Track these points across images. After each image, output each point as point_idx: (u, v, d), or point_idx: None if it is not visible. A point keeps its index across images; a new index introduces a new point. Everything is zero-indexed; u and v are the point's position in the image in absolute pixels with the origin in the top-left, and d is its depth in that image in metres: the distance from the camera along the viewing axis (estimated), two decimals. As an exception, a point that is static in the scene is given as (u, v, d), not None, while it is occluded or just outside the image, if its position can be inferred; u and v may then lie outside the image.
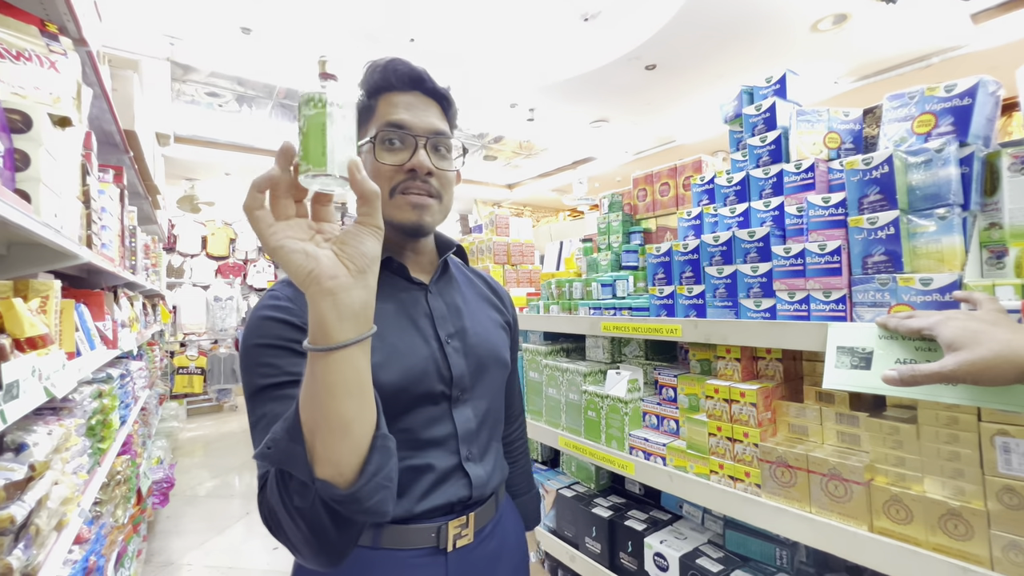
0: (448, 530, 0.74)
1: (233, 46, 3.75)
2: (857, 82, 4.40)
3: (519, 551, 0.90)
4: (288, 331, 0.66)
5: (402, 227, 0.76)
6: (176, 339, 6.54)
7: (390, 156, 0.74)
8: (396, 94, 0.76)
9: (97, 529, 1.68)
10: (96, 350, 1.69)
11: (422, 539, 0.73)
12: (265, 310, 0.68)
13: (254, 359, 0.65)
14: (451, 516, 0.75)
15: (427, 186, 0.75)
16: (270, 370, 0.64)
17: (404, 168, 0.73)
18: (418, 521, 0.73)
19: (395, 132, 0.74)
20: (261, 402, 0.64)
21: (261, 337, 0.66)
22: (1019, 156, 0.86)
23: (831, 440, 0.98)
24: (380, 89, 0.76)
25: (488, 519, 0.82)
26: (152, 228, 4.15)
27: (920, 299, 0.84)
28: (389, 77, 0.75)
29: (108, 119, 2.04)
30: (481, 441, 0.81)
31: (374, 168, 0.74)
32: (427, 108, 0.77)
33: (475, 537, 0.78)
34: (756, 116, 1.20)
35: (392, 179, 0.74)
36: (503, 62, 4.13)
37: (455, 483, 0.76)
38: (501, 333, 0.91)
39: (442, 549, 0.74)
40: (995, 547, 0.72)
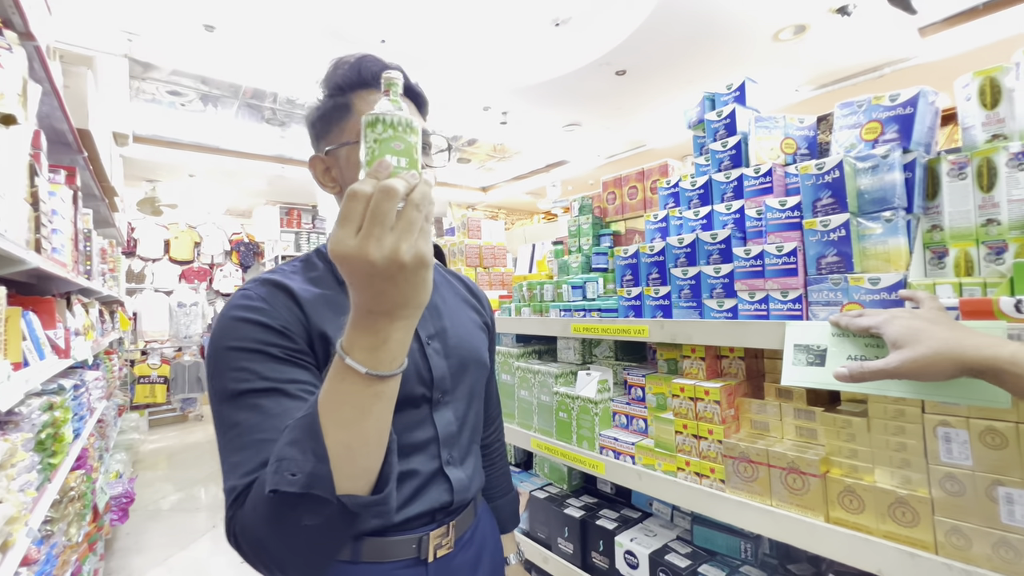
0: (429, 540, 0.73)
1: (196, 43, 3.63)
2: (816, 90, 4.59)
3: (496, 555, 0.89)
4: (265, 334, 0.63)
5: None
6: (137, 347, 6.27)
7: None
8: (371, 92, 0.74)
9: (48, 549, 1.60)
10: (46, 360, 1.61)
11: (403, 551, 0.71)
12: (239, 311, 0.65)
13: (227, 363, 0.62)
14: (432, 526, 0.74)
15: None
16: (245, 375, 0.61)
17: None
18: (399, 532, 0.71)
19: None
20: (234, 409, 0.60)
21: (236, 339, 0.62)
22: (957, 162, 0.91)
23: (790, 435, 1.02)
24: (353, 86, 0.74)
25: (467, 526, 0.81)
26: (110, 231, 3.97)
27: (869, 297, 0.88)
28: (363, 74, 0.74)
29: (59, 117, 1.94)
30: (462, 444, 0.80)
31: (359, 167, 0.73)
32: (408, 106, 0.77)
33: (455, 545, 0.77)
34: (717, 122, 1.23)
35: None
36: (475, 64, 4.14)
37: (437, 488, 0.75)
38: (481, 334, 0.91)
39: (423, 560, 0.73)
40: (939, 532, 0.76)
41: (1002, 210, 0.85)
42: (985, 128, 0.91)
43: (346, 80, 0.74)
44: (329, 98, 0.76)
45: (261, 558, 0.55)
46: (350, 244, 0.45)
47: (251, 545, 0.55)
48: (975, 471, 0.74)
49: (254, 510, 0.54)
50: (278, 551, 0.54)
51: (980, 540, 0.72)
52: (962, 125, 0.95)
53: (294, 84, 4.36)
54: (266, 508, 0.52)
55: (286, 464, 0.50)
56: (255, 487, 0.55)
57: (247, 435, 0.58)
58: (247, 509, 0.55)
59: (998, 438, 0.72)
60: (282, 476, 0.50)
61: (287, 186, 6.96)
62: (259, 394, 0.60)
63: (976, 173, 0.88)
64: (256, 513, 0.53)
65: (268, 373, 0.61)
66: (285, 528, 0.52)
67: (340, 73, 0.74)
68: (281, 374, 0.61)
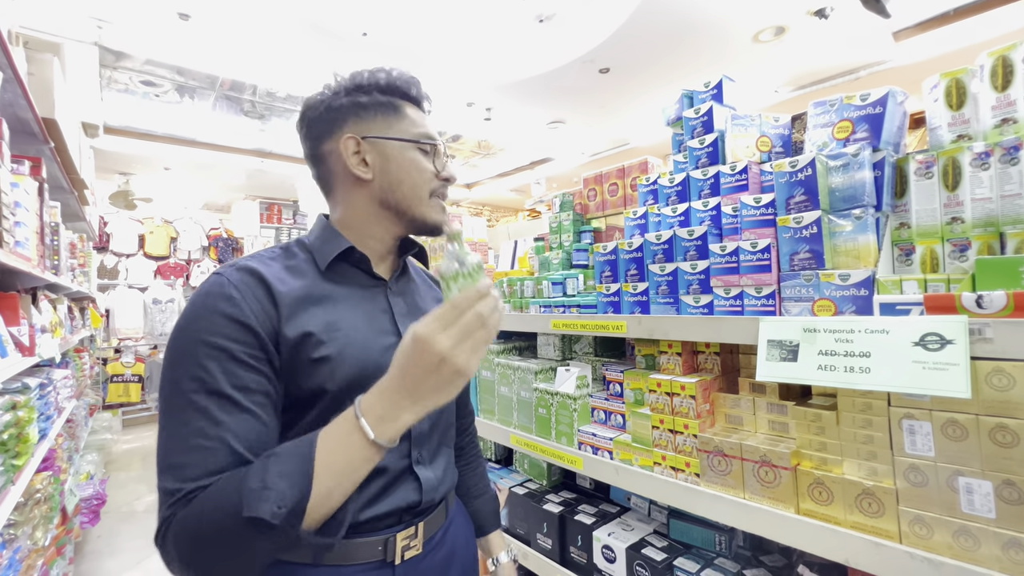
0: (396, 542, 0.72)
1: (170, 32, 3.53)
2: (795, 92, 4.67)
3: (468, 556, 0.88)
4: (233, 329, 0.62)
5: (435, 227, 0.81)
6: (110, 345, 6.09)
7: (429, 163, 0.80)
8: (415, 107, 0.82)
9: (11, 554, 1.54)
10: (9, 358, 1.55)
11: (368, 553, 0.70)
12: (212, 299, 0.63)
13: (190, 355, 0.60)
14: (399, 527, 0.73)
15: (447, 194, 0.85)
16: (205, 375, 0.59)
17: (441, 176, 0.81)
18: (364, 534, 0.70)
19: (430, 144, 0.80)
20: (187, 407, 0.59)
21: (204, 332, 0.61)
22: (924, 162, 0.93)
23: (763, 429, 1.03)
24: (403, 95, 0.81)
25: (437, 527, 0.80)
26: (80, 225, 3.85)
27: (840, 294, 0.90)
28: (411, 91, 0.81)
29: (23, 105, 1.86)
30: (432, 444, 0.80)
31: (419, 167, 0.78)
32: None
33: (424, 547, 0.76)
34: (695, 119, 1.24)
35: (432, 183, 0.80)
36: (459, 59, 4.11)
37: (405, 487, 0.73)
38: None
39: (390, 562, 0.71)
40: (903, 522, 0.78)
41: (966, 208, 0.88)
42: (951, 128, 0.93)
43: (398, 87, 0.80)
44: (381, 93, 0.79)
45: (191, 566, 0.56)
46: (443, 341, 0.55)
47: (184, 552, 0.55)
48: (937, 462, 0.76)
49: (199, 520, 0.54)
50: (212, 562, 0.55)
51: (941, 529, 0.74)
52: (929, 126, 0.97)
53: (274, 76, 4.27)
54: (222, 524, 0.53)
55: (274, 495, 0.53)
56: (203, 497, 0.55)
57: (195, 438, 0.58)
58: (189, 516, 0.55)
59: (959, 430, 0.74)
60: (269, 506, 0.52)
61: (267, 180, 6.83)
62: (215, 397, 0.59)
63: (942, 172, 0.91)
64: (201, 524, 0.54)
65: (228, 378, 0.60)
66: (234, 545, 0.54)
67: (394, 76, 0.80)
68: (239, 380, 0.61)
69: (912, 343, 0.75)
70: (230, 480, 0.55)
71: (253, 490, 0.53)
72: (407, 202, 0.78)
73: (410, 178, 0.78)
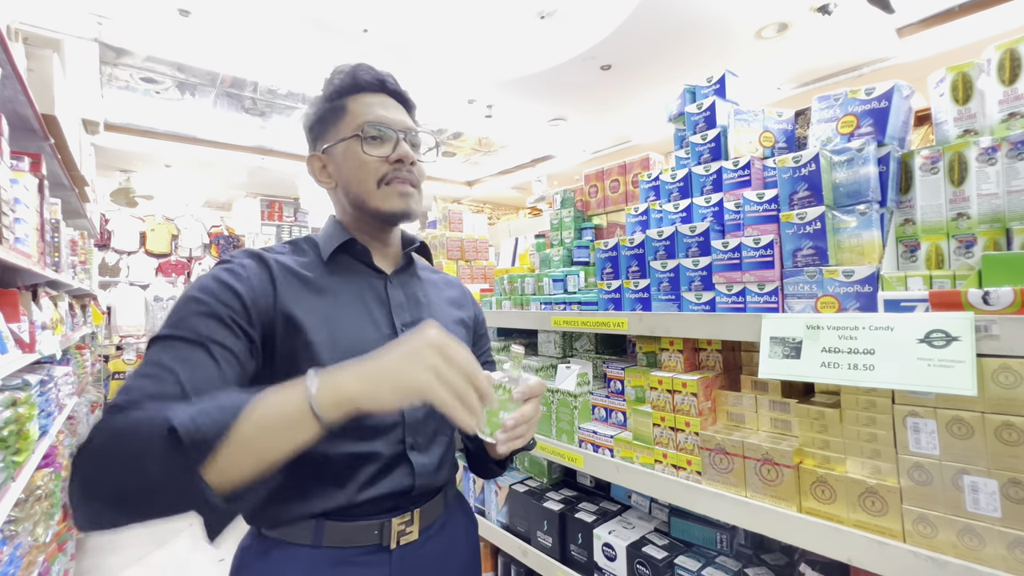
0: (392, 527, 0.74)
1: (170, 29, 3.52)
2: (798, 89, 4.65)
3: (469, 551, 0.89)
4: (224, 293, 0.67)
5: (392, 215, 0.79)
6: (112, 342, 6.09)
7: (375, 150, 0.78)
8: (366, 95, 0.80)
9: (11, 550, 1.54)
10: (9, 354, 1.55)
11: (365, 536, 0.72)
12: (222, 272, 0.70)
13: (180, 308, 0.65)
14: (395, 513, 0.75)
15: (411, 176, 0.80)
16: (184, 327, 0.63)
17: (390, 160, 0.78)
18: (361, 517, 0.72)
19: (376, 128, 0.78)
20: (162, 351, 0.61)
21: (199, 291, 0.67)
22: (930, 157, 0.92)
23: (765, 426, 1.03)
24: (349, 90, 0.80)
25: (435, 517, 0.81)
26: (81, 223, 3.84)
27: (843, 290, 0.89)
28: (358, 79, 0.80)
29: (23, 102, 1.86)
30: (428, 431, 0.80)
31: (360, 161, 0.77)
32: (397, 107, 0.83)
33: (420, 535, 0.77)
34: (697, 114, 1.23)
35: (379, 171, 0.78)
36: (460, 56, 4.09)
37: (399, 472, 0.75)
38: (461, 333, 0.92)
39: (385, 547, 0.73)
40: (907, 521, 0.77)
41: (972, 204, 0.87)
42: (957, 123, 0.92)
43: (342, 86, 0.80)
44: (327, 102, 0.81)
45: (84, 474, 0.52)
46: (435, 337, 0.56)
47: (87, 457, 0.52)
48: (942, 460, 0.75)
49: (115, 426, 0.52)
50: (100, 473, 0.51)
51: (946, 528, 0.73)
52: (935, 120, 0.96)
53: (275, 73, 4.26)
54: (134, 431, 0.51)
55: (193, 414, 0.50)
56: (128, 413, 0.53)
57: (150, 368, 0.59)
58: (107, 422, 0.53)
59: (964, 428, 0.73)
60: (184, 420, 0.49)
61: (268, 178, 6.82)
62: (182, 342, 0.62)
63: (948, 168, 0.90)
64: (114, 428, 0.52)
65: (203, 328, 0.63)
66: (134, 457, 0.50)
67: (337, 80, 0.80)
68: (213, 334, 0.64)
69: (917, 340, 0.74)
70: (165, 405, 0.53)
71: (175, 408, 0.51)
72: (360, 199, 0.79)
73: (355, 175, 0.78)
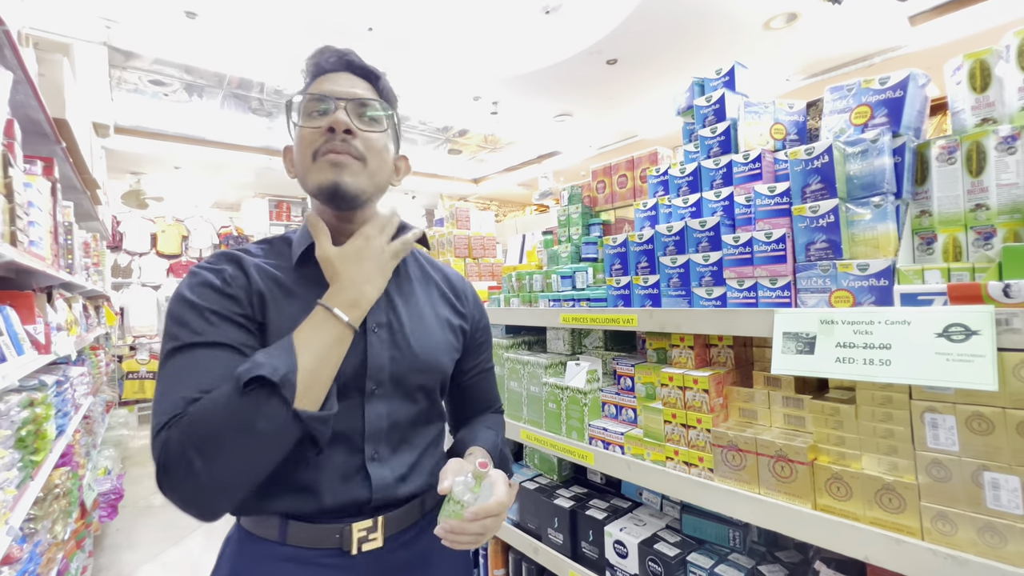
0: (352, 532, 0.71)
1: (177, 31, 3.54)
2: (807, 80, 4.58)
3: (453, 562, 0.84)
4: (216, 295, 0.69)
5: (321, 189, 0.73)
6: (125, 342, 6.18)
7: (313, 122, 0.74)
8: (328, 75, 0.78)
9: (31, 547, 1.57)
10: (25, 355, 1.57)
11: (326, 539, 0.71)
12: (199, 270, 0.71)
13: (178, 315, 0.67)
14: (357, 518, 0.72)
15: (346, 146, 0.73)
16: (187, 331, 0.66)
17: (323, 129, 0.73)
18: (323, 520, 0.71)
19: (315, 100, 0.75)
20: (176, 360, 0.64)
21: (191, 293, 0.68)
22: (946, 147, 0.90)
23: (778, 423, 1.01)
24: (314, 75, 0.79)
25: (406, 525, 0.77)
26: (93, 225, 3.90)
27: (858, 284, 0.88)
28: (320, 62, 0.78)
29: (34, 106, 1.88)
30: (392, 442, 0.77)
31: (299, 136, 0.75)
32: (354, 82, 0.79)
33: (386, 543, 0.74)
34: (706, 107, 1.22)
35: (313, 143, 0.73)
36: (465, 53, 4.08)
37: (357, 483, 0.72)
38: (447, 336, 0.86)
39: (347, 551, 0.71)
40: (925, 518, 0.76)
41: (991, 195, 0.85)
42: (975, 112, 0.90)
43: (309, 72, 0.79)
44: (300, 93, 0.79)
45: (190, 470, 0.57)
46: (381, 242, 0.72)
47: (183, 458, 0.57)
48: (961, 457, 0.73)
49: (199, 420, 0.58)
50: (210, 462, 0.57)
51: (965, 525, 0.72)
52: (952, 109, 0.94)
53: (281, 73, 4.27)
54: (222, 410, 0.58)
55: (266, 367, 0.59)
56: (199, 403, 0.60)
57: (182, 379, 0.62)
58: (183, 426, 0.58)
59: (984, 423, 0.71)
60: (265, 369, 0.59)
61: (276, 178, 6.86)
62: (199, 348, 0.64)
63: (965, 157, 0.88)
64: (203, 417, 0.58)
65: (210, 331, 0.66)
66: (235, 432, 0.58)
67: (305, 67, 0.79)
68: (223, 331, 0.67)
69: (935, 334, 0.73)
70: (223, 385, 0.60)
71: (245, 369, 0.59)
72: (302, 178, 0.76)
73: (298, 153, 0.76)
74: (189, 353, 0.64)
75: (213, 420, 0.58)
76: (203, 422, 0.58)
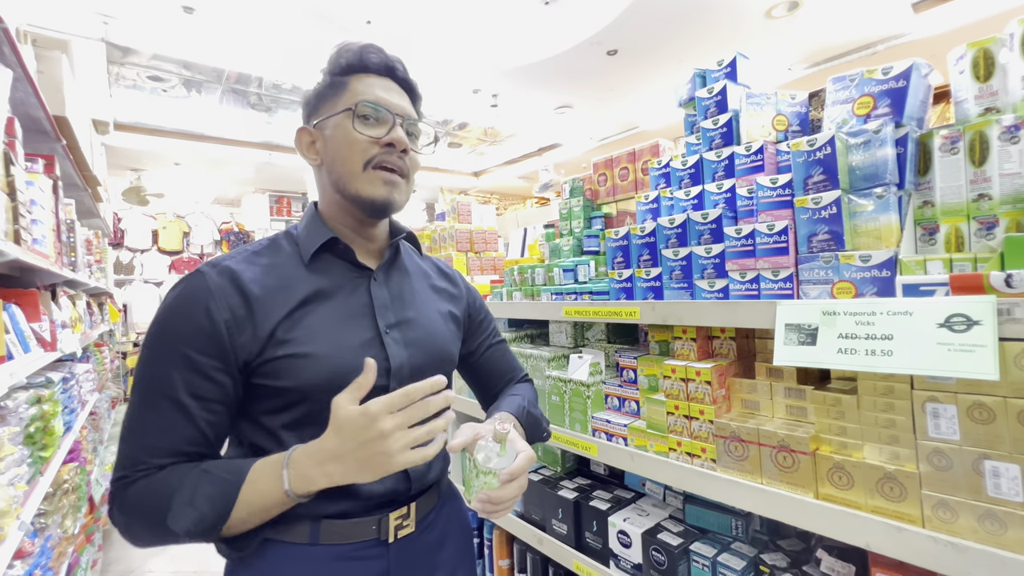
0: (389, 521, 0.74)
1: (175, 26, 3.53)
2: (809, 69, 4.54)
3: (463, 536, 0.89)
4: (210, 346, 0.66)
5: (372, 202, 0.75)
6: (129, 339, 6.22)
7: (368, 129, 0.74)
8: (370, 76, 0.77)
9: (42, 542, 1.60)
10: (31, 353, 1.58)
11: (363, 532, 0.72)
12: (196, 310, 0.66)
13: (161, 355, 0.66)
14: (392, 508, 0.75)
15: (401, 163, 0.76)
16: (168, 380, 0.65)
17: (381, 142, 0.74)
18: (358, 515, 0.72)
19: (373, 108, 0.74)
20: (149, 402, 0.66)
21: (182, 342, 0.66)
22: (949, 137, 0.90)
23: (781, 413, 1.02)
24: (353, 69, 0.77)
25: (430, 507, 0.81)
26: (95, 222, 3.90)
27: (860, 275, 0.88)
28: (364, 59, 0.77)
29: (34, 104, 1.88)
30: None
31: (350, 138, 0.73)
32: (401, 94, 0.79)
33: (417, 526, 0.78)
34: (708, 99, 1.21)
35: (367, 152, 0.74)
36: (464, 45, 4.05)
37: (393, 476, 0.74)
38: (450, 327, 0.89)
39: (383, 540, 0.73)
40: (926, 506, 0.77)
41: (994, 185, 0.85)
42: (978, 101, 0.90)
43: (348, 64, 0.77)
44: (328, 76, 0.78)
45: (129, 531, 0.65)
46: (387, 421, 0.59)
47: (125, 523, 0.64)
48: (962, 445, 0.74)
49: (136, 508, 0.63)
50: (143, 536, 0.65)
51: (966, 513, 0.73)
52: (955, 99, 0.94)
53: (279, 68, 4.26)
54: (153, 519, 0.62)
55: (195, 515, 0.61)
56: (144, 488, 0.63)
57: (147, 433, 0.65)
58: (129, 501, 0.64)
59: (986, 412, 0.72)
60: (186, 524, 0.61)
61: (276, 173, 6.85)
62: (172, 402, 0.65)
63: (968, 147, 0.87)
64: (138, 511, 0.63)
65: (187, 388, 0.65)
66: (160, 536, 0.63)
67: (344, 58, 0.77)
68: (198, 390, 0.66)
69: (937, 325, 0.73)
70: (168, 480, 0.63)
71: (181, 504, 0.61)
72: (343, 179, 0.74)
73: (341, 152, 0.74)
74: (159, 396, 0.65)
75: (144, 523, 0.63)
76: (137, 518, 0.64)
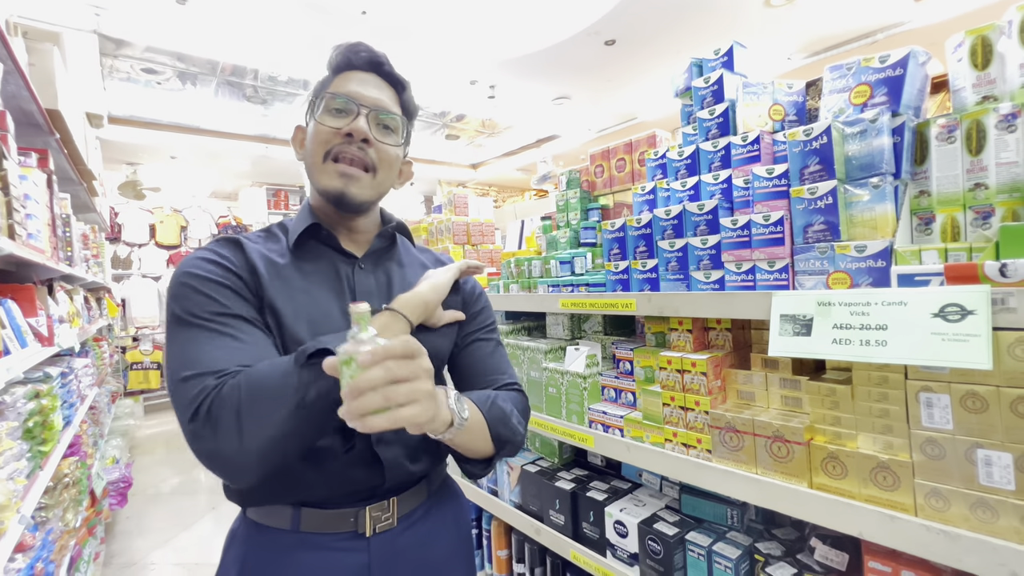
0: (367, 514, 0.73)
1: (167, 18, 3.48)
2: (809, 58, 4.51)
3: (457, 538, 0.86)
4: (226, 273, 0.69)
5: (326, 194, 0.76)
6: (128, 333, 6.21)
7: (331, 120, 0.74)
8: (355, 72, 0.77)
9: (43, 535, 1.60)
10: (28, 348, 1.58)
11: (340, 524, 0.72)
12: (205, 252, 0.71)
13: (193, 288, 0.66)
14: (370, 501, 0.74)
15: (362, 155, 0.75)
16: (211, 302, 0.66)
17: (341, 132, 0.73)
18: (336, 505, 0.72)
19: (341, 101, 0.74)
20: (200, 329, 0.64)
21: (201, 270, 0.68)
22: (946, 126, 0.89)
23: (776, 404, 1.02)
24: (340, 68, 0.78)
25: (416, 504, 0.79)
26: (91, 216, 3.88)
27: (856, 266, 0.88)
28: (350, 57, 0.77)
29: (26, 97, 1.86)
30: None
31: (315, 130, 0.75)
32: (380, 88, 0.78)
33: (399, 522, 0.76)
34: (705, 89, 1.20)
35: (328, 143, 0.75)
36: (460, 36, 4.01)
37: (368, 466, 0.73)
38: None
39: (361, 534, 0.72)
40: (919, 495, 0.77)
41: (990, 174, 0.84)
42: (976, 90, 0.89)
43: (336, 63, 0.78)
44: (323, 77, 0.80)
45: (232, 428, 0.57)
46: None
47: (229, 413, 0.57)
48: (955, 435, 0.74)
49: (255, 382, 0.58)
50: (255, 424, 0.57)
51: (958, 501, 0.73)
52: (952, 87, 0.93)
53: (275, 60, 4.21)
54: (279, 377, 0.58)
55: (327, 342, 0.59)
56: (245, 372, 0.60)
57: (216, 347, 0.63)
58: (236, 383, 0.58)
59: (978, 402, 0.72)
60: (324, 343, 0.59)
61: (272, 167, 6.81)
62: (227, 319, 0.65)
63: (965, 136, 0.87)
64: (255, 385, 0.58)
65: (232, 303, 0.67)
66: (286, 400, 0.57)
67: (333, 56, 0.78)
68: (242, 305, 0.68)
69: (931, 315, 0.73)
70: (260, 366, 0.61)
71: (309, 344, 0.60)
72: (309, 171, 0.77)
73: (309, 144, 0.76)
74: (222, 322, 0.64)
75: (269, 383, 0.58)
76: (259, 384, 0.58)
